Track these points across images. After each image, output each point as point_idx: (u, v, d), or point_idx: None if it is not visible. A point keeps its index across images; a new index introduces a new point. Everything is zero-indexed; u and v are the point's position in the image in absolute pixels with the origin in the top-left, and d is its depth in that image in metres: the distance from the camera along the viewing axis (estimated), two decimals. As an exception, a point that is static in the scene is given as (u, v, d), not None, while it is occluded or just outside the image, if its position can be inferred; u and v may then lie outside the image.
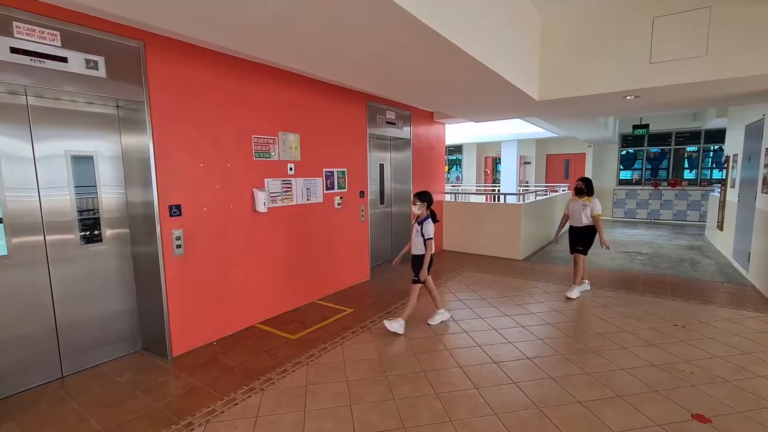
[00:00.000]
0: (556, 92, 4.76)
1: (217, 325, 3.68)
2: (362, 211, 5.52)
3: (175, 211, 3.27)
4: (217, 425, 2.44)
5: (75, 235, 3.04)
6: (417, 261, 3.76)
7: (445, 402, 2.66)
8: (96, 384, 2.91)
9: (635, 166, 13.38)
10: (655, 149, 12.86)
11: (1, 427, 2.43)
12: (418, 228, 3.73)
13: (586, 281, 5.05)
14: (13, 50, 2.37)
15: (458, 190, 12.38)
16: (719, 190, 8.82)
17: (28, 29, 2.42)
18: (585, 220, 4.72)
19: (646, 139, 12.79)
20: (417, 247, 3.78)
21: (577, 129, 9.38)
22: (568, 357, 3.28)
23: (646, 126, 10.61)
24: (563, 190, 10.59)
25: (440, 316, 4.02)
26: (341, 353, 3.38)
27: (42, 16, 2.48)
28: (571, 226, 4.93)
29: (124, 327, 3.36)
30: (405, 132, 6.35)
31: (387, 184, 6.66)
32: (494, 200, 11.14)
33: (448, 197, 7.96)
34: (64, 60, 2.58)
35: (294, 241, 4.44)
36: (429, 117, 7.02)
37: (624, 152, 13.26)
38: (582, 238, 4.80)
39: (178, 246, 3.30)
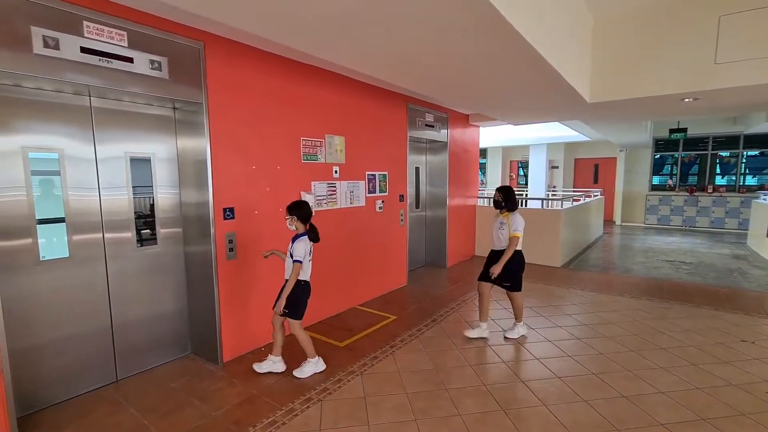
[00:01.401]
0: (609, 94, 4.57)
1: (264, 331, 3.60)
2: (401, 215, 5.41)
3: (229, 213, 3.22)
4: (281, 438, 2.35)
5: (131, 235, 3.01)
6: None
7: (514, 419, 2.51)
8: (151, 389, 2.86)
9: (663, 171, 12.94)
10: (685, 154, 12.40)
11: (61, 432, 2.39)
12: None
13: (522, 324, 3.81)
14: (84, 50, 2.35)
15: (483, 194, 12.14)
16: (766, 197, 8.41)
17: (97, 29, 2.40)
18: (504, 242, 3.59)
19: (680, 144, 12.36)
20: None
21: (615, 133, 9.10)
22: (636, 373, 3.08)
23: (684, 130, 10.21)
24: (595, 195, 10.27)
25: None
26: (394, 363, 3.26)
27: (110, 16, 2.45)
28: (491, 250, 3.77)
29: (174, 330, 3.31)
30: (442, 135, 6.22)
31: (422, 188, 6.54)
32: (520, 204, 10.89)
33: (480, 202, 7.77)
34: (130, 60, 2.55)
35: (338, 246, 4.35)
36: (465, 120, 6.88)
37: (657, 156, 12.83)
38: (504, 267, 3.53)
39: (231, 249, 3.24)
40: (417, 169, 6.38)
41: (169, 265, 3.25)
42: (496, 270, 3.50)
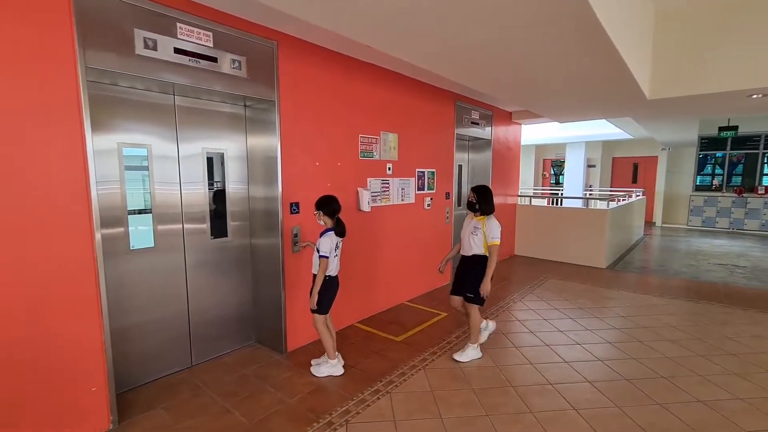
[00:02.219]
0: (670, 90, 4.41)
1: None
2: (447, 212, 5.41)
3: (295, 208, 3.31)
4: (358, 426, 2.41)
5: (206, 226, 3.15)
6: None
7: (588, 419, 2.48)
8: (225, 375, 2.99)
9: (705, 170, 12.35)
10: (734, 153, 11.79)
11: (150, 413, 2.53)
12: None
13: (476, 345, 3.29)
14: (177, 50, 2.47)
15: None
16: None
17: (188, 30, 2.52)
18: (475, 248, 3.17)
19: (728, 143, 11.76)
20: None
21: (664, 130, 8.76)
22: (710, 379, 2.98)
23: (735, 128, 9.72)
24: (637, 195, 9.93)
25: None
26: (454, 359, 3.28)
27: (199, 18, 2.57)
28: (462, 256, 3.33)
29: (241, 320, 3.44)
30: (486, 132, 6.17)
31: (465, 186, 6.51)
32: (555, 203, 10.69)
33: (521, 200, 7.66)
34: (214, 60, 2.66)
35: (389, 242, 4.40)
36: (508, 117, 6.80)
37: (701, 155, 12.26)
38: (472, 275, 3.15)
39: (295, 243, 3.33)
40: (460, 167, 6.35)
41: (237, 257, 3.38)
42: (485, 289, 3.07)
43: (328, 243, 2.83)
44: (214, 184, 3.20)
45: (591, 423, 2.44)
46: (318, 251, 2.85)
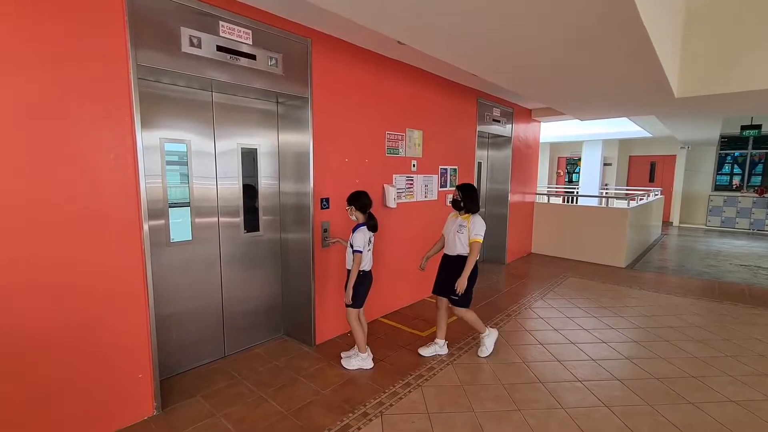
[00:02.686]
0: (699, 89, 4.34)
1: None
2: (468, 209, 5.41)
3: (325, 204, 3.37)
4: (393, 418, 2.46)
5: (240, 220, 3.22)
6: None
7: (621, 416, 2.50)
8: (258, 366, 3.06)
9: (723, 170, 12.13)
10: (756, 152, 11.55)
11: (189, 401, 2.61)
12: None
13: (442, 341, 3.31)
14: (219, 48, 2.52)
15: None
16: None
17: (230, 28, 2.57)
18: (460, 247, 3.13)
19: (750, 141, 11.53)
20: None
21: (687, 128, 8.61)
22: (740, 379, 2.97)
23: (758, 127, 9.53)
24: (655, 195, 9.81)
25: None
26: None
27: (240, 16, 2.62)
28: (444, 254, 3.32)
29: (271, 312, 3.52)
30: (507, 129, 6.16)
31: (483, 184, 6.51)
32: (569, 201, 10.61)
33: (538, 198, 7.63)
34: (253, 57, 2.72)
35: (412, 238, 4.44)
36: (528, 115, 6.77)
37: (721, 154, 12.04)
38: (454, 274, 3.10)
39: (325, 238, 3.39)
40: (479, 164, 6.35)
41: (268, 251, 3.45)
42: (461, 286, 3.01)
43: (362, 238, 2.88)
44: (247, 179, 3.27)
45: (625, 421, 2.46)
46: (351, 246, 2.89)
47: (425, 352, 3.29)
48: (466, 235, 3.10)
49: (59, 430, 2.09)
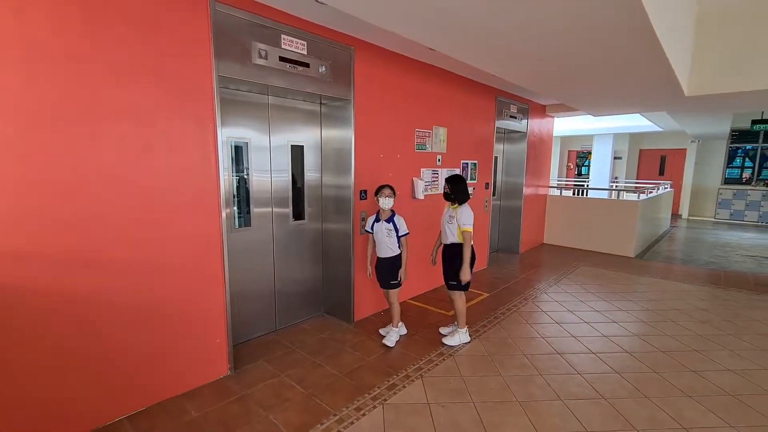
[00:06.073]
0: (709, 87, 4.62)
1: (380, 298, 4.13)
2: (486, 201, 5.76)
3: (363, 195, 3.74)
4: (432, 380, 2.85)
5: (289, 210, 3.60)
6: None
7: (632, 381, 2.86)
8: (307, 338, 3.47)
9: (734, 164, 12.28)
10: (766, 146, 11.67)
11: (255, 364, 3.02)
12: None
13: (464, 330, 3.44)
14: (281, 59, 2.88)
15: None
16: None
17: (289, 41, 2.93)
18: (451, 237, 3.31)
19: (761, 135, 11.66)
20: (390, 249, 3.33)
21: (697, 123, 8.82)
22: (739, 353, 3.31)
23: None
24: (665, 188, 10.04)
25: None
26: (503, 331, 3.69)
27: (297, 29, 2.97)
28: (443, 245, 3.49)
29: (313, 292, 3.92)
30: (522, 125, 6.46)
31: (498, 177, 6.83)
32: (579, 194, 10.86)
33: (551, 191, 7.93)
34: (307, 66, 3.07)
35: (437, 227, 4.79)
36: (542, 110, 7.05)
37: (731, 148, 12.18)
38: (452, 263, 3.30)
39: (363, 226, 3.76)
40: (496, 158, 6.66)
41: (312, 237, 3.84)
42: (465, 276, 3.19)
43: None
44: (295, 173, 3.64)
45: (635, 384, 2.82)
46: (397, 232, 3.28)
47: (450, 341, 3.39)
48: (455, 225, 3.27)
49: (157, 384, 2.50)
